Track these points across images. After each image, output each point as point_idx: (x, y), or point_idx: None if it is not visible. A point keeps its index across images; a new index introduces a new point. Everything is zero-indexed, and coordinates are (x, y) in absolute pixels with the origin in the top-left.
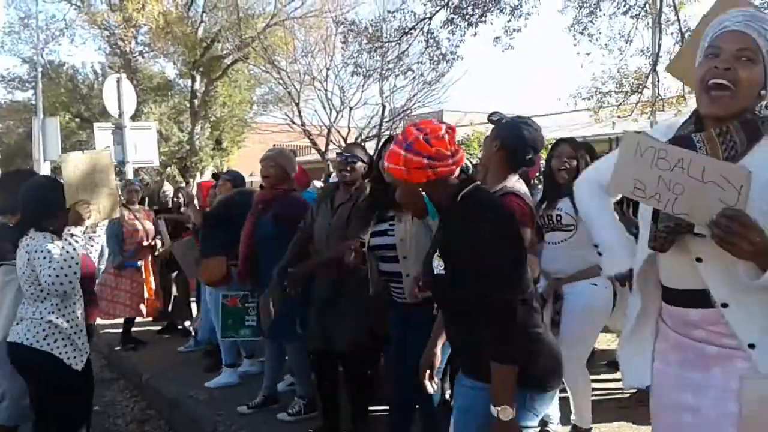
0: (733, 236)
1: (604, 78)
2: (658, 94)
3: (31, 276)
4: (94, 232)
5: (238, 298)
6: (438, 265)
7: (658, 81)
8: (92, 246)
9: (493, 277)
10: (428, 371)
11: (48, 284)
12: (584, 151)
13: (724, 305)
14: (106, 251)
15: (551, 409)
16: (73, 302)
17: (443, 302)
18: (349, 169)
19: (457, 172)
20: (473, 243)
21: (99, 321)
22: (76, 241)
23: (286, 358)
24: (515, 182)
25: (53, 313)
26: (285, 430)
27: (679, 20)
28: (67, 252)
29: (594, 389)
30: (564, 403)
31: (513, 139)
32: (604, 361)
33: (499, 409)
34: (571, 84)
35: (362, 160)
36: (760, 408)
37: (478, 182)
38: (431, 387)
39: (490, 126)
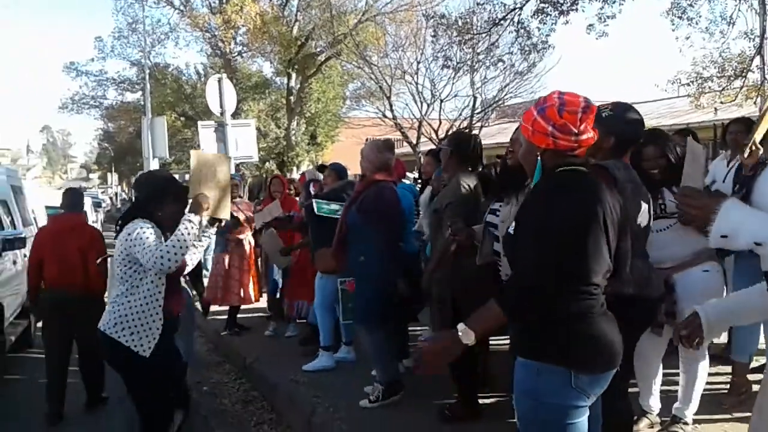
0: (687, 207)
1: (705, 63)
2: (765, 77)
3: (124, 256)
4: (204, 233)
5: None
6: (512, 226)
7: (764, 64)
8: (201, 242)
9: (529, 258)
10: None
11: (149, 263)
12: (672, 141)
13: None
14: (212, 243)
15: (652, 400)
16: (145, 288)
17: (510, 262)
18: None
19: (582, 151)
20: (541, 215)
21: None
22: (192, 226)
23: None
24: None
25: (126, 298)
26: (380, 414)
27: None
28: (175, 236)
29: None
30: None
31: (628, 130)
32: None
33: (464, 329)
34: (670, 70)
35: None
36: None
37: (583, 168)
38: None
39: None
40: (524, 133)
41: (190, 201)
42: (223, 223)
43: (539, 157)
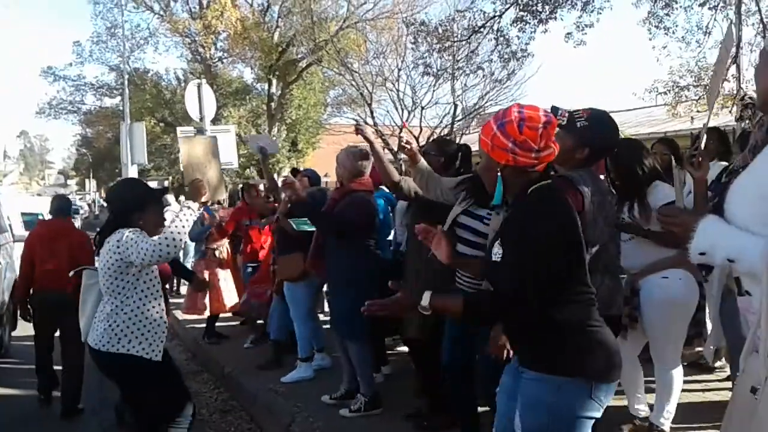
0: (669, 226)
1: (682, 71)
2: (740, 87)
3: (115, 268)
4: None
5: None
6: (497, 252)
7: (740, 74)
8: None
9: (522, 267)
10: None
11: (147, 255)
12: (645, 150)
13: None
14: (191, 251)
15: (638, 404)
16: (140, 295)
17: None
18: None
19: (542, 167)
20: (524, 232)
21: (184, 317)
22: (191, 213)
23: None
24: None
25: (122, 310)
26: (359, 423)
27: (760, 10)
28: (175, 222)
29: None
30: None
31: (604, 141)
32: (684, 362)
33: (426, 298)
34: (648, 78)
35: (433, 154)
36: None
37: (552, 182)
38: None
39: None
40: (483, 147)
41: (187, 187)
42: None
43: (499, 173)
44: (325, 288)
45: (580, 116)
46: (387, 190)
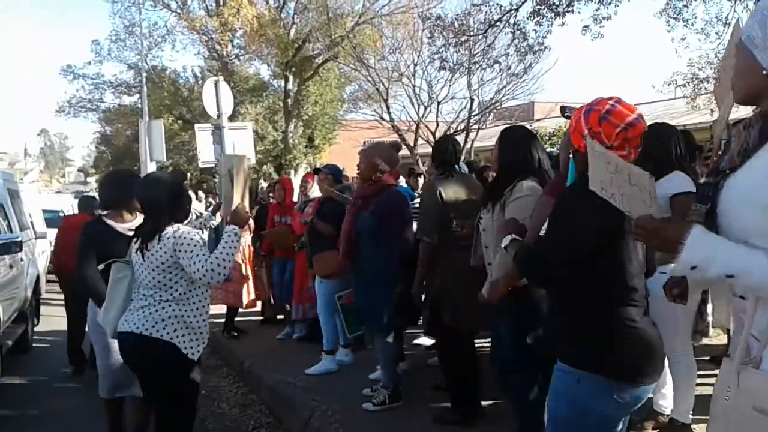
0: (646, 239)
1: (701, 64)
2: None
3: (169, 263)
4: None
5: (351, 296)
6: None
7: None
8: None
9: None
10: None
11: (197, 273)
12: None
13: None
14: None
15: (662, 400)
16: (198, 293)
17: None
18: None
19: None
20: (563, 216)
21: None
22: (237, 240)
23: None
24: None
25: (181, 302)
26: (378, 417)
27: None
28: (223, 248)
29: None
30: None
31: None
32: (707, 357)
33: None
34: (666, 71)
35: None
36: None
37: None
38: None
39: None
40: (569, 126)
41: (232, 210)
42: None
43: (571, 156)
44: None
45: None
46: (404, 185)
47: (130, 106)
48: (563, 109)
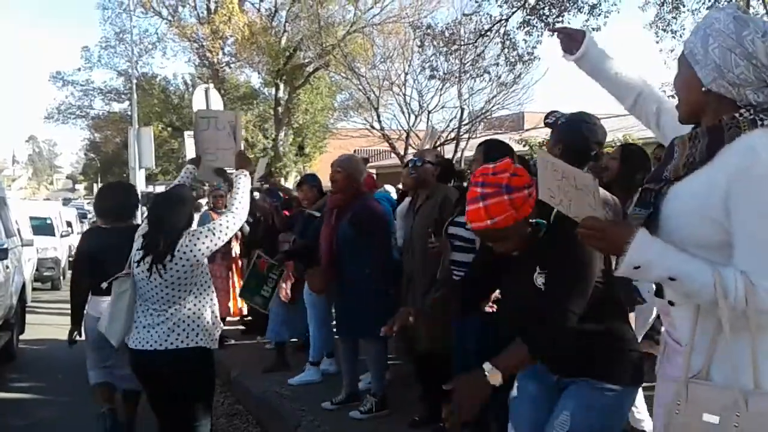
0: (591, 240)
1: None
2: None
3: (187, 275)
4: None
5: (267, 264)
6: (542, 283)
7: None
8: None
9: (565, 289)
10: None
11: (231, 229)
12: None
13: (671, 303)
14: None
15: (640, 419)
16: (198, 287)
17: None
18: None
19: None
20: (566, 254)
21: None
22: (248, 180)
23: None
24: None
25: (192, 302)
26: (365, 426)
27: None
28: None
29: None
30: None
31: (575, 139)
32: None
33: (490, 369)
34: (655, 82)
35: (431, 163)
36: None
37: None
38: None
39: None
40: (510, 223)
41: (234, 157)
42: None
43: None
44: None
45: (564, 116)
46: (389, 192)
47: (119, 113)
48: (549, 116)
